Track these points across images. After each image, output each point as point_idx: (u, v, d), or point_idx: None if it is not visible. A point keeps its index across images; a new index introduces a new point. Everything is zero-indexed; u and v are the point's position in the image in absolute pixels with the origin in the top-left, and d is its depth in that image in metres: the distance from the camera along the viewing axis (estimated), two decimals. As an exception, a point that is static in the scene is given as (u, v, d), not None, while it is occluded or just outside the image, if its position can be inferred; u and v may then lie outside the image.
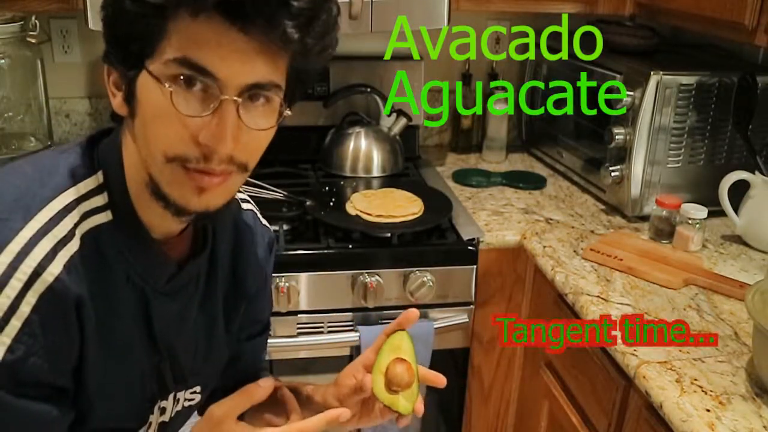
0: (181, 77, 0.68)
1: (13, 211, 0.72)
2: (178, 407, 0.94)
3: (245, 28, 0.67)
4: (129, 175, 0.77)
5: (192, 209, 0.74)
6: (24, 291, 0.69)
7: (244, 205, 1.00)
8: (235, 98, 0.69)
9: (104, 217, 0.76)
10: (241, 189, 1.01)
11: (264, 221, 1.03)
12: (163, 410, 0.90)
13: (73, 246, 0.72)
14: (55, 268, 0.70)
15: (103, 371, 0.78)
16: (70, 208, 0.74)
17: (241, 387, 1.07)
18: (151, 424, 0.89)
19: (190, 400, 0.95)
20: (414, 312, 0.95)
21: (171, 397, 0.91)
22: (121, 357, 0.80)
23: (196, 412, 1.00)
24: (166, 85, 0.68)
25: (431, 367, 1.56)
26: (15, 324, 0.68)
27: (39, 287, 0.69)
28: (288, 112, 0.76)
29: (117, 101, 0.75)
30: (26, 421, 0.72)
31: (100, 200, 0.77)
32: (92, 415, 0.79)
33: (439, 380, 0.94)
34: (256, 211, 1.02)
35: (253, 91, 0.71)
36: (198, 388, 0.95)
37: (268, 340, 1.52)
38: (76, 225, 0.74)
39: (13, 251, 0.69)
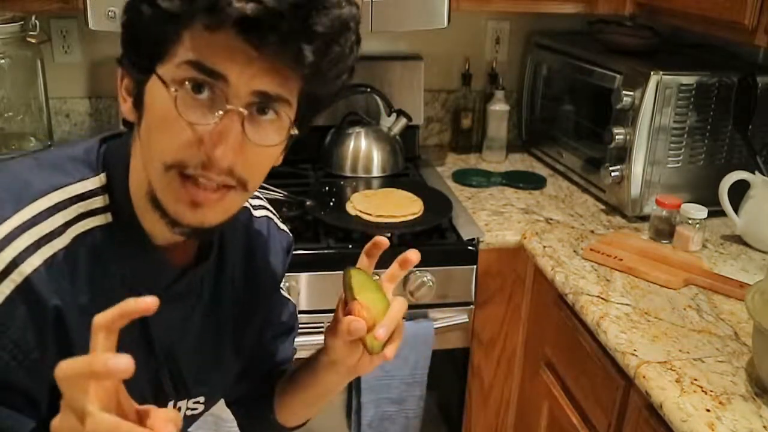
0: (188, 81, 0.67)
1: (5, 200, 0.71)
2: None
3: (260, 46, 0.66)
4: (133, 180, 0.76)
5: (186, 223, 0.72)
6: None
7: (257, 212, 0.97)
8: (241, 109, 0.68)
9: (103, 219, 0.75)
10: (257, 193, 0.97)
11: (282, 226, 1.00)
12: None
13: (59, 243, 0.71)
14: (36, 261, 0.69)
15: None
16: (64, 206, 0.73)
17: (263, 385, 1.03)
18: None
19: (192, 409, 0.93)
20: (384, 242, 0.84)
21: (170, 405, 0.89)
22: None
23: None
24: (173, 90, 0.67)
25: (431, 367, 1.58)
26: None
27: (16, 278, 0.68)
28: (294, 131, 0.74)
29: (127, 107, 0.74)
30: None
31: (100, 202, 0.76)
32: None
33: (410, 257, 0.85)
34: (272, 216, 0.99)
35: (261, 103, 0.69)
36: (202, 399, 0.93)
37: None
38: (68, 223, 0.73)
39: None
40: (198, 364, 0.90)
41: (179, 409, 0.91)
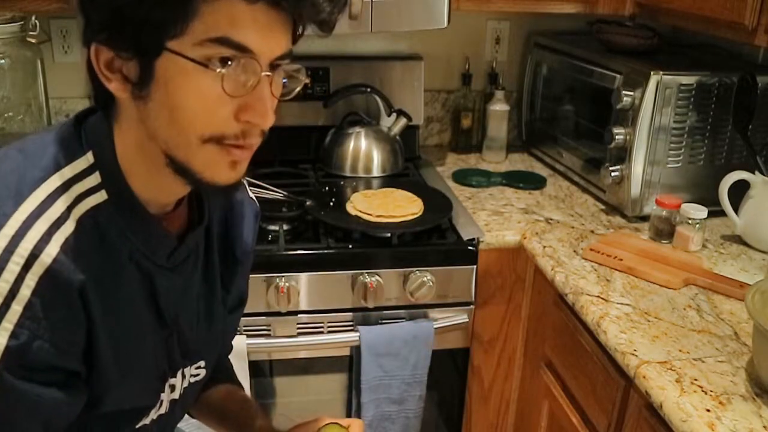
0: (216, 57, 0.68)
1: (3, 196, 0.72)
2: (185, 383, 0.94)
3: (283, 5, 0.69)
4: (121, 152, 0.77)
5: (222, 183, 0.75)
6: (23, 274, 0.69)
7: None
8: (269, 73, 0.71)
9: (99, 197, 0.76)
10: None
11: (251, 194, 1.03)
12: (172, 387, 0.91)
13: (68, 228, 0.72)
14: (52, 250, 0.70)
15: (115, 352, 0.78)
16: (62, 190, 0.73)
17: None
18: (162, 402, 0.90)
19: (195, 375, 0.96)
20: None
21: (179, 373, 0.92)
22: (132, 336, 0.80)
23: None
24: (218, 70, 0.68)
25: (431, 367, 1.58)
26: (16, 309, 0.68)
27: (38, 269, 0.69)
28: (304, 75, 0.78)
29: (116, 85, 0.72)
30: (36, 405, 0.72)
31: (92, 180, 0.76)
32: (108, 396, 0.79)
33: None
34: (244, 182, 1.01)
35: (277, 63, 0.73)
36: (202, 363, 0.96)
37: (269, 341, 1.53)
38: (69, 207, 0.73)
39: (7, 235, 0.69)
40: (197, 328, 0.92)
41: (185, 376, 0.94)
